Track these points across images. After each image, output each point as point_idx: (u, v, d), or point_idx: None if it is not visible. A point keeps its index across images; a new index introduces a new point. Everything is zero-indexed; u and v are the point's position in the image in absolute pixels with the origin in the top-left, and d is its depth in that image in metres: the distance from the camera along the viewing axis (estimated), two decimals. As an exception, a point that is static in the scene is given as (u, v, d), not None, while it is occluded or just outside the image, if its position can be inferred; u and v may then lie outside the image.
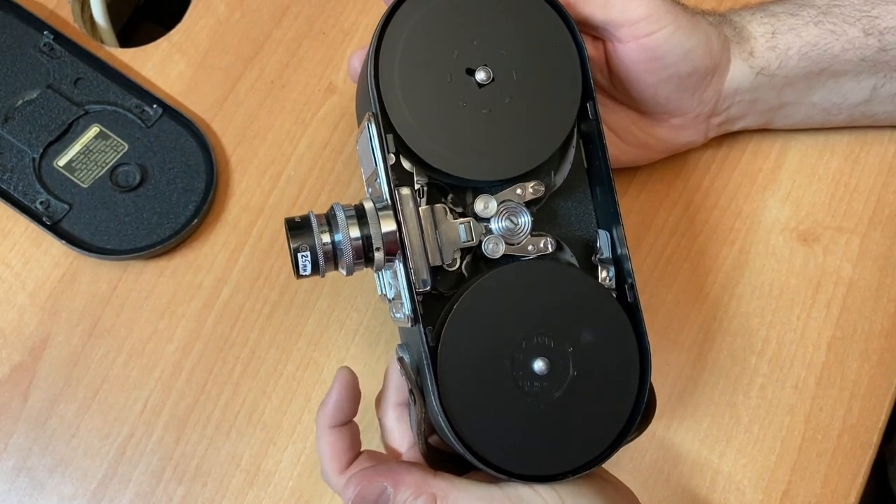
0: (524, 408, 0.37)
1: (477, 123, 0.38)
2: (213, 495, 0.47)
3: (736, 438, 0.47)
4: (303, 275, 0.38)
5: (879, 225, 0.50)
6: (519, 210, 0.39)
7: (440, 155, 0.38)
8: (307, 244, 0.37)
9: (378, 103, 0.38)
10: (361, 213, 0.38)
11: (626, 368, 0.38)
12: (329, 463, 0.39)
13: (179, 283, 0.50)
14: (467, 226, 0.39)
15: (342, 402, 0.40)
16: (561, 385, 0.37)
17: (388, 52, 0.38)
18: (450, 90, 0.38)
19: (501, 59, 0.39)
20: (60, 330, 0.49)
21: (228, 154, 0.52)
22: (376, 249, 0.37)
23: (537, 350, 0.37)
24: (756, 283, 0.50)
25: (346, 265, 0.38)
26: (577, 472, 0.37)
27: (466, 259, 0.39)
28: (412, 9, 0.39)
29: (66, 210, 0.49)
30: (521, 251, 0.39)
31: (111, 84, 0.52)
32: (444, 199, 0.40)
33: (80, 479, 0.47)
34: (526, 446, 0.37)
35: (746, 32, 0.46)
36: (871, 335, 0.49)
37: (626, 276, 0.39)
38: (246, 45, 0.53)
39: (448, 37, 0.39)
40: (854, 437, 0.47)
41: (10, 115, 0.50)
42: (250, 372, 0.48)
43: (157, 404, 0.48)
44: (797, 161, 0.51)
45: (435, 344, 0.37)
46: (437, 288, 0.39)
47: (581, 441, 0.38)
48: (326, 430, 0.39)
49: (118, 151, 0.50)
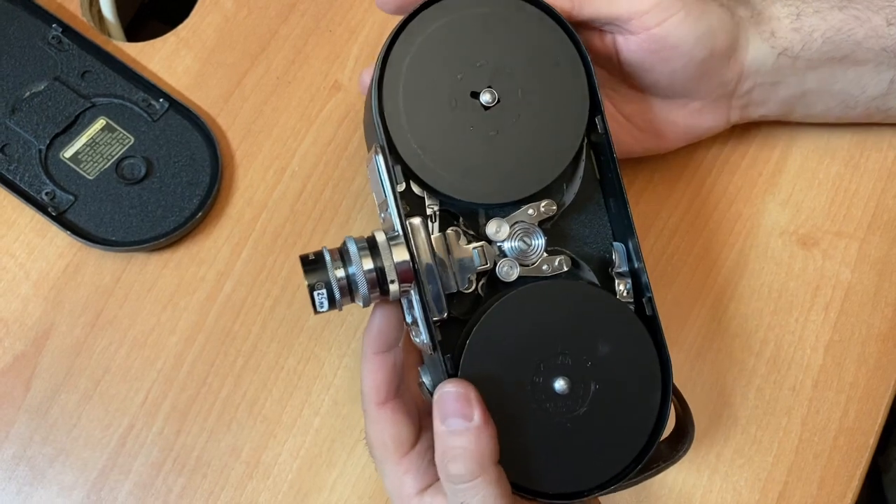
0: (548, 428, 0.37)
1: (484, 147, 0.38)
2: (213, 487, 0.47)
3: (733, 439, 0.48)
4: (320, 311, 0.38)
5: (878, 230, 0.51)
6: (532, 230, 0.39)
7: (448, 181, 0.38)
8: (322, 280, 0.37)
9: (384, 134, 0.38)
10: (374, 245, 0.37)
11: (647, 382, 0.38)
12: (368, 392, 0.39)
13: (182, 275, 0.50)
14: (480, 250, 0.38)
15: (385, 327, 0.39)
16: (584, 402, 0.38)
17: (391, 82, 0.38)
18: (455, 116, 0.38)
19: (506, 78, 0.39)
20: (63, 320, 0.49)
21: (233, 149, 0.52)
22: (391, 282, 0.37)
23: (558, 370, 0.37)
24: (755, 285, 0.50)
25: (362, 298, 0.37)
26: (605, 486, 0.38)
27: (482, 281, 0.39)
28: (412, 36, 0.38)
29: (71, 201, 0.49)
30: (536, 272, 0.39)
31: (118, 77, 0.52)
32: (456, 221, 0.39)
33: (81, 469, 0.47)
34: (554, 465, 0.37)
35: (768, 13, 0.45)
36: (868, 339, 0.49)
37: (643, 289, 0.39)
38: (252, 42, 0.54)
39: (450, 61, 0.38)
40: (851, 439, 0.47)
41: (18, 106, 0.51)
42: (251, 365, 0.49)
43: (158, 396, 0.48)
44: (798, 165, 0.52)
45: (454, 371, 0.37)
46: (453, 313, 0.39)
47: (607, 457, 0.38)
48: (370, 356, 0.39)
49: (124, 144, 0.51)
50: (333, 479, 0.47)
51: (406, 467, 0.39)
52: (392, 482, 0.40)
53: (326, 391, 0.48)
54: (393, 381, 0.40)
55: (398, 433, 0.39)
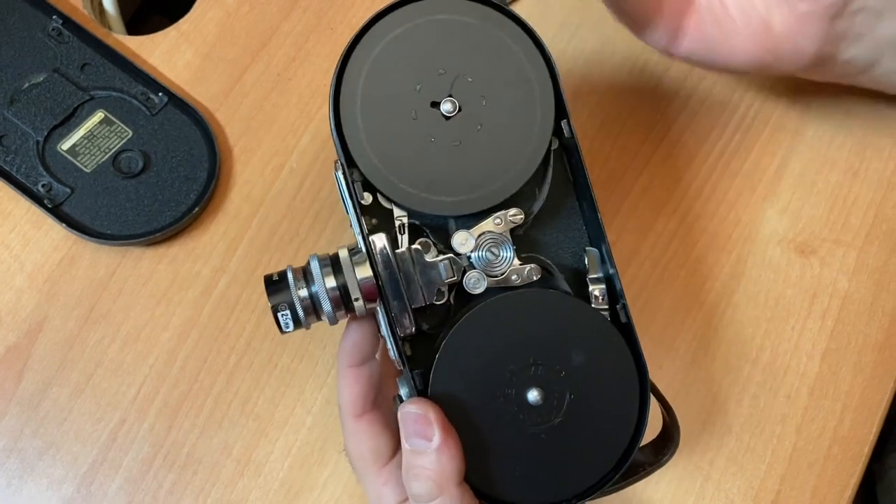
0: (522, 439, 0.37)
1: (447, 158, 0.37)
2: (203, 484, 0.47)
3: (726, 446, 0.47)
4: (286, 331, 0.37)
5: (876, 239, 0.51)
6: (500, 240, 0.38)
7: (412, 195, 0.37)
8: (286, 301, 0.37)
9: (342, 150, 0.37)
10: (336, 262, 0.37)
11: (624, 391, 0.38)
12: (345, 405, 0.39)
13: (178, 271, 0.50)
14: (447, 263, 0.37)
15: (360, 340, 0.39)
16: (559, 412, 0.37)
17: (347, 96, 0.37)
18: (415, 128, 0.37)
19: (467, 87, 0.38)
20: (57, 313, 0.49)
21: (232, 144, 0.52)
22: (355, 299, 0.37)
23: (530, 381, 0.37)
24: (752, 292, 0.50)
25: (327, 316, 0.37)
26: (584, 496, 0.37)
27: (454, 292, 0.39)
28: (367, 49, 0.38)
29: (67, 194, 0.49)
30: (505, 282, 0.38)
31: (118, 71, 0.52)
32: (426, 232, 0.39)
33: (71, 463, 0.47)
34: (529, 476, 0.37)
35: None
36: (864, 348, 0.49)
37: (617, 296, 0.38)
38: (254, 38, 0.54)
39: (409, 71, 0.38)
40: (845, 448, 0.47)
41: (16, 97, 0.51)
42: (245, 363, 0.48)
43: (150, 391, 0.48)
44: (797, 173, 0.52)
45: (424, 387, 0.37)
46: (425, 326, 0.38)
47: (585, 466, 0.38)
48: (345, 369, 0.39)
49: (122, 137, 0.51)
50: (325, 478, 0.47)
51: (385, 478, 0.39)
52: (372, 494, 0.40)
53: (319, 390, 0.48)
54: (369, 394, 0.39)
55: (376, 445, 0.39)
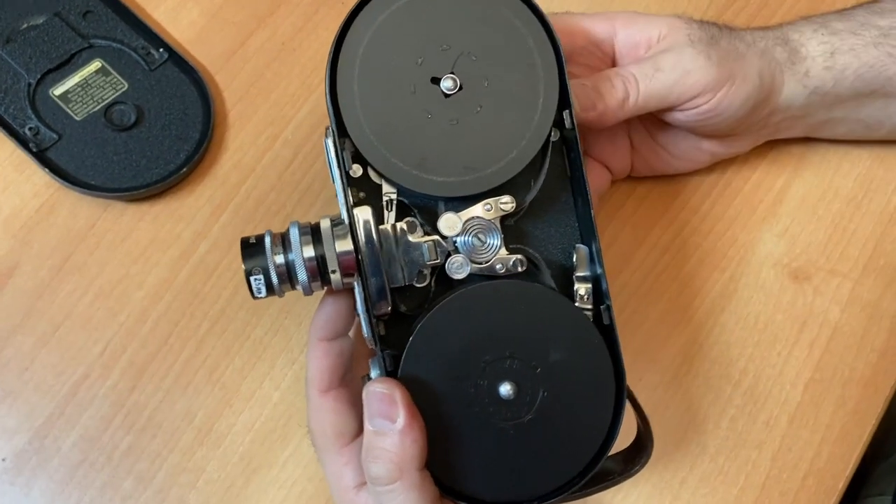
0: (489, 433, 0.36)
1: (442, 136, 0.36)
2: (161, 449, 0.45)
3: (700, 466, 0.46)
4: (258, 297, 0.36)
5: (873, 273, 0.50)
6: (489, 227, 0.37)
7: (403, 171, 0.36)
8: (260, 266, 0.36)
9: (335, 117, 0.36)
10: (317, 231, 0.36)
11: (600, 394, 0.37)
12: (311, 378, 0.38)
13: (159, 230, 0.48)
14: (431, 245, 0.36)
15: (335, 314, 0.38)
16: (530, 409, 0.36)
17: (346, 62, 0.36)
18: (413, 102, 0.36)
19: (471, 65, 0.36)
20: (29, 260, 0.47)
21: (228, 109, 0.51)
22: (332, 271, 0.35)
23: (504, 374, 0.36)
24: (742, 313, 0.49)
25: (301, 286, 0.36)
26: (547, 499, 0.36)
27: (437, 276, 0.37)
28: (373, 14, 0.36)
29: (54, 139, 0.48)
30: (489, 270, 0.37)
31: (120, 21, 0.51)
32: (413, 212, 0.38)
33: (27, 415, 0.45)
34: (493, 472, 0.36)
35: (804, 52, 0.45)
36: (849, 382, 0.48)
37: (603, 297, 0.37)
38: (262, 4, 0.53)
39: (412, 43, 0.36)
40: (820, 481, 0.46)
41: (13, 37, 0.49)
42: (217, 330, 0.47)
43: (117, 349, 0.46)
44: (799, 198, 0.51)
45: (394, 369, 0.36)
46: (402, 308, 0.37)
47: (551, 467, 0.36)
48: (315, 342, 0.38)
49: (117, 89, 0.49)
50: (286, 456, 0.46)
51: (346, 459, 0.38)
52: (331, 472, 0.38)
53: (290, 366, 0.47)
54: (338, 370, 0.38)
55: (339, 423, 0.38)
